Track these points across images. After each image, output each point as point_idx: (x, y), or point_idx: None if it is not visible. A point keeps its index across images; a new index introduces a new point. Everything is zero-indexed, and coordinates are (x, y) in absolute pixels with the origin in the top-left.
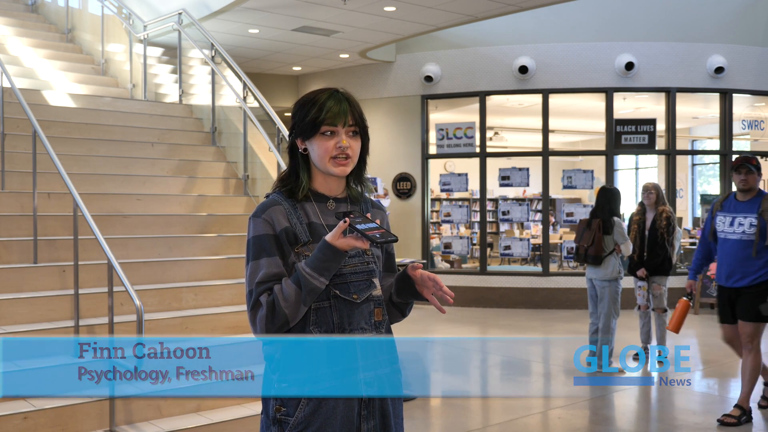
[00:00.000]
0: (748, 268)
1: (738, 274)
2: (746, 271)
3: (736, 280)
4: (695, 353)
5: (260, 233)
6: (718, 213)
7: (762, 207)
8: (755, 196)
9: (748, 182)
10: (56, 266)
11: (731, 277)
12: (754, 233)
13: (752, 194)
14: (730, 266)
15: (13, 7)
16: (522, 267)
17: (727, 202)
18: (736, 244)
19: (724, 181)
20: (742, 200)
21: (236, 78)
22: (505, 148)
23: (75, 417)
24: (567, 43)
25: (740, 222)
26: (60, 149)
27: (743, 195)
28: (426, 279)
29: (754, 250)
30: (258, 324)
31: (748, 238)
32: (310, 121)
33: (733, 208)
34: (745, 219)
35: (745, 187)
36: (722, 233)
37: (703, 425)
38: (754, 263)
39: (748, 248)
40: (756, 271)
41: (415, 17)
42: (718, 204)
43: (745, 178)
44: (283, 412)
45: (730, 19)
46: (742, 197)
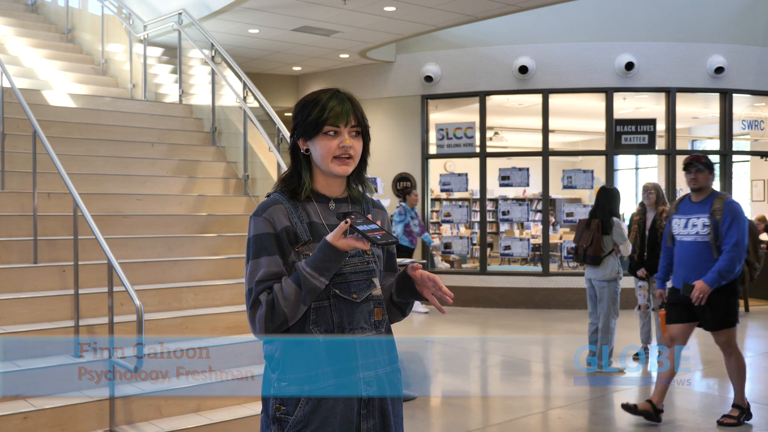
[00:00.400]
0: (705, 272)
1: (694, 277)
2: (702, 274)
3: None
4: (695, 353)
5: (261, 232)
6: (673, 216)
7: (713, 206)
8: (708, 196)
9: (698, 181)
10: (56, 266)
11: (689, 280)
12: (707, 234)
13: (705, 194)
14: (686, 269)
15: (13, 7)
16: (522, 267)
17: (682, 204)
18: (690, 246)
19: (724, 181)
20: (695, 201)
21: (236, 78)
22: (505, 148)
23: (75, 417)
24: (567, 43)
25: (693, 223)
26: (60, 149)
27: (696, 195)
28: (426, 279)
29: (714, 251)
30: (257, 323)
31: (702, 239)
32: (312, 121)
33: (687, 209)
34: (698, 219)
35: (696, 186)
36: (678, 236)
37: (703, 425)
38: (710, 266)
39: (703, 250)
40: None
41: (415, 17)
42: (674, 207)
43: (695, 177)
44: (283, 411)
45: (730, 19)
46: (696, 198)
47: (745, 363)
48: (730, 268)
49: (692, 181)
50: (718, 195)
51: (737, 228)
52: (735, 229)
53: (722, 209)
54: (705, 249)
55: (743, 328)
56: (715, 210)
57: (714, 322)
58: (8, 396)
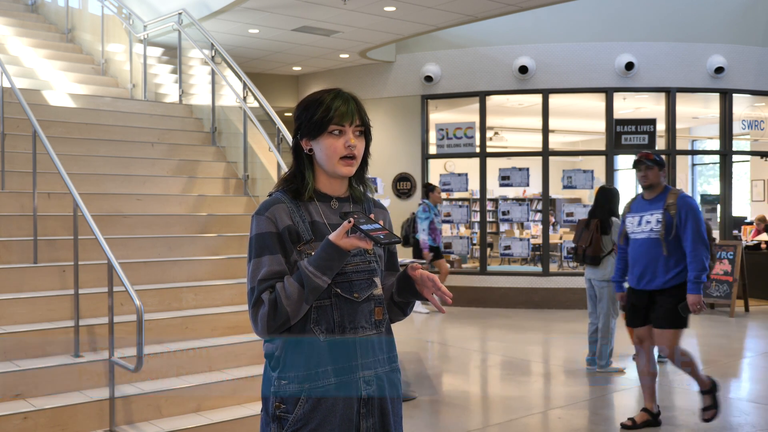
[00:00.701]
0: (659, 269)
1: (649, 275)
2: (657, 271)
3: (647, 282)
4: (695, 353)
5: (263, 231)
6: (627, 215)
7: (667, 202)
8: (660, 192)
9: (648, 178)
10: (56, 266)
11: (642, 279)
12: (660, 230)
13: (657, 191)
14: (640, 267)
15: (13, 7)
16: (522, 267)
17: (635, 203)
18: (644, 243)
19: (724, 181)
20: (648, 198)
21: (236, 78)
22: (505, 148)
23: (75, 417)
24: (567, 43)
25: (647, 220)
26: (60, 149)
27: (648, 193)
28: (425, 279)
29: (664, 247)
30: (259, 321)
31: (656, 235)
32: (318, 120)
33: (640, 207)
34: (652, 216)
35: (646, 183)
36: (632, 234)
37: (703, 425)
38: (665, 263)
39: (657, 247)
40: (667, 272)
41: (415, 17)
42: (627, 206)
43: (645, 174)
44: (283, 409)
45: (730, 19)
46: (648, 195)
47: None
48: (700, 266)
49: (643, 179)
50: (671, 191)
51: (693, 221)
52: (691, 223)
53: (676, 204)
54: (657, 246)
55: (743, 328)
56: (669, 205)
57: (660, 320)
58: (8, 396)
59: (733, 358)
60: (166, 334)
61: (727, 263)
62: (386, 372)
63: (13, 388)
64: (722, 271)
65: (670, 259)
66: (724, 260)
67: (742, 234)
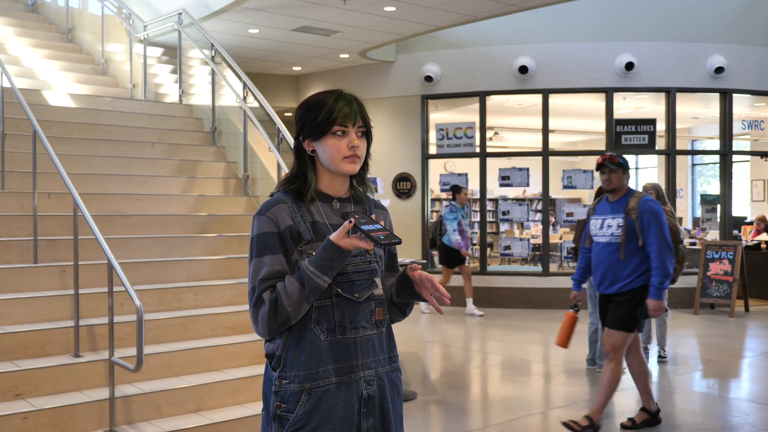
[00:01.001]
0: (618, 273)
1: (608, 279)
2: (616, 276)
3: (606, 286)
4: (695, 353)
5: (264, 231)
6: (591, 216)
7: (629, 206)
8: (623, 195)
9: (611, 182)
10: (56, 266)
11: (603, 283)
12: (621, 234)
13: (621, 194)
14: (601, 271)
15: (13, 7)
16: (522, 267)
17: (600, 205)
18: (605, 247)
19: (724, 181)
20: (612, 201)
21: (236, 78)
22: (505, 148)
23: (75, 417)
24: (567, 43)
25: (609, 224)
26: (60, 149)
27: (612, 195)
28: (424, 280)
29: (621, 252)
30: (260, 321)
31: (616, 240)
32: (322, 121)
33: (603, 210)
34: (613, 220)
35: (609, 187)
36: (595, 237)
37: (703, 425)
38: (623, 268)
39: (617, 251)
40: (626, 276)
41: (415, 17)
42: (591, 207)
43: (609, 178)
44: (284, 409)
45: (730, 19)
46: (612, 198)
47: (619, 380)
48: (665, 272)
49: (606, 182)
50: (634, 194)
51: (655, 226)
52: (653, 228)
53: (637, 208)
54: (617, 251)
55: (743, 328)
56: (630, 210)
57: (612, 320)
58: (8, 396)
59: (733, 358)
60: (166, 334)
61: (727, 263)
62: (387, 372)
63: (13, 388)
64: (722, 271)
65: (629, 264)
66: (724, 260)
67: (742, 234)
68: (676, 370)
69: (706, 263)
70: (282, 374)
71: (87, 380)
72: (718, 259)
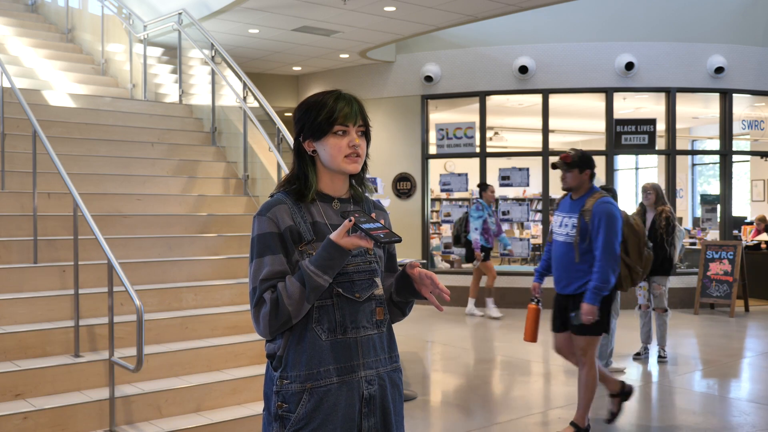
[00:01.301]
0: (573, 274)
1: (564, 279)
2: (571, 276)
3: (563, 286)
4: (695, 353)
5: (264, 231)
6: (555, 213)
7: (584, 206)
8: (584, 194)
9: (566, 181)
10: (56, 266)
11: (560, 282)
12: (575, 235)
13: (581, 192)
14: (558, 270)
15: (13, 7)
16: (522, 267)
17: (562, 202)
18: (561, 247)
19: (724, 181)
20: (574, 199)
21: (236, 78)
22: (505, 148)
23: (75, 417)
24: (567, 43)
25: (566, 222)
26: (60, 149)
27: (574, 194)
28: (424, 277)
29: (576, 254)
30: (261, 321)
31: (571, 240)
32: (323, 121)
33: (564, 207)
34: (570, 219)
35: (565, 186)
36: (554, 234)
37: (703, 425)
38: (578, 268)
39: (571, 251)
40: (581, 277)
41: (415, 17)
42: (556, 204)
43: (564, 177)
44: (285, 409)
45: (730, 19)
46: (574, 196)
47: (597, 382)
48: (605, 278)
49: (563, 182)
50: (592, 194)
51: (605, 231)
52: (602, 232)
53: (592, 210)
54: (572, 251)
55: (743, 328)
56: (585, 211)
57: (577, 326)
58: (8, 396)
59: (733, 358)
60: (166, 334)
61: (727, 263)
62: (388, 371)
63: (13, 388)
64: (722, 271)
65: (583, 265)
66: (724, 260)
67: (742, 234)
68: (676, 370)
69: (706, 263)
70: (283, 374)
71: (87, 380)
72: (718, 259)
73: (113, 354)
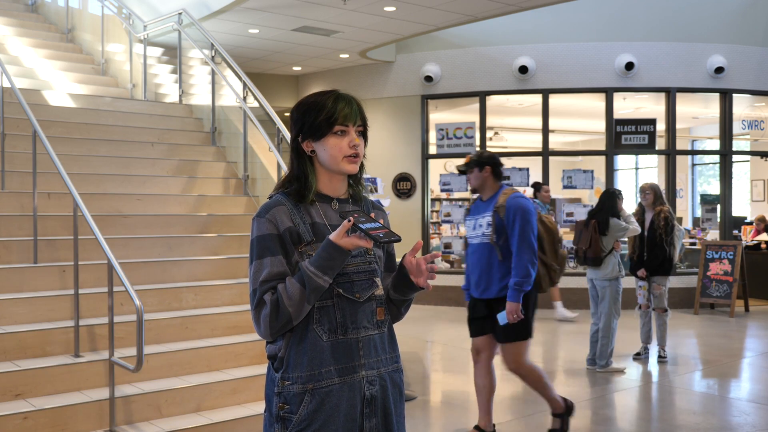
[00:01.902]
0: (493, 276)
1: (483, 283)
2: (491, 279)
3: (482, 290)
4: (695, 353)
5: (264, 233)
6: (466, 218)
7: (497, 203)
8: (494, 193)
9: (471, 182)
10: (56, 266)
11: (478, 287)
12: (491, 234)
13: (491, 192)
14: (476, 274)
15: (13, 7)
16: None
17: (474, 205)
18: (479, 249)
19: (724, 181)
20: (484, 200)
21: (236, 78)
22: (505, 148)
23: (75, 417)
24: (567, 43)
25: (480, 223)
26: (60, 149)
27: (484, 195)
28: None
29: (498, 252)
30: (262, 322)
31: (487, 240)
32: (322, 121)
33: (476, 209)
34: (483, 219)
35: (472, 186)
36: (469, 238)
37: (703, 425)
38: (498, 270)
39: (490, 252)
40: (501, 279)
41: (415, 17)
42: (467, 208)
43: (468, 179)
44: (287, 410)
45: (730, 19)
46: (484, 197)
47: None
48: (525, 272)
49: (469, 183)
50: (503, 191)
51: (520, 224)
52: (519, 225)
53: (505, 206)
54: (491, 251)
55: (743, 328)
56: (499, 207)
57: (502, 333)
58: (8, 396)
59: (733, 358)
60: (166, 334)
61: (727, 263)
62: (389, 372)
63: (13, 388)
64: (722, 271)
65: (504, 266)
66: (724, 260)
67: (742, 234)
68: (676, 370)
69: (706, 263)
70: (284, 375)
71: (87, 380)
72: (718, 259)
73: (113, 354)
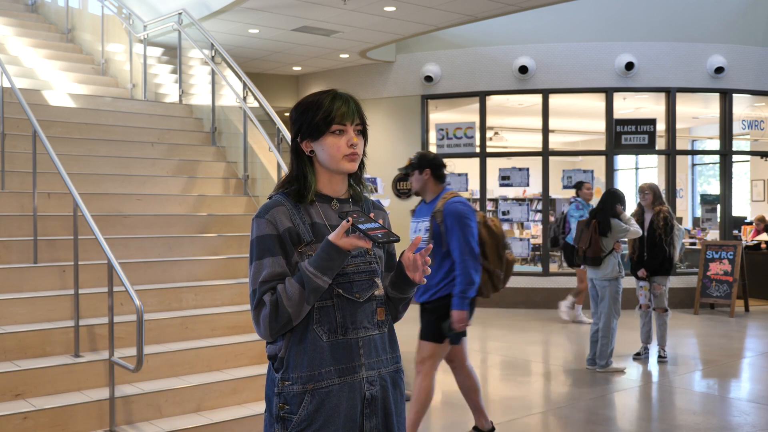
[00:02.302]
0: (430, 280)
1: (422, 287)
2: (428, 284)
3: (419, 294)
4: (695, 353)
5: (263, 233)
6: (411, 220)
7: (436, 208)
8: (436, 196)
9: (413, 186)
10: (56, 266)
11: (418, 290)
12: (428, 239)
13: (433, 195)
14: None
15: (13, 7)
16: (522, 267)
17: (419, 207)
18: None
19: (724, 181)
20: (427, 203)
21: (236, 78)
22: (505, 148)
23: (75, 417)
24: (567, 43)
25: (419, 227)
26: (60, 149)
27: (427, 197)
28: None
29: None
30: (261, 323)
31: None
32: (320, 121)
33: (419, 212)
34: (423, 223)
35: (414, 190)
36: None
37: (703, 425)
38: (433, 275)
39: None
40: (436, 284)
41: (415, 17)
42: (412, 210)
43: (410, 181)
44: (287, 410)
45: (730, 19)
46: (427, 200)
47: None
48: (468, 279)
49: (411, 186)
50: (443, 195)
51: (459, 230)
52: (456, 232)
53: (442, 211)
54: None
55: (743, 328)
56: (436, 212)
57: (427, 331)
58: (8, 396)
59: (733, 358)
60: (166, 334)
61: (727, 263)
62: (390, 372)
63: (13, 388)
64: (722, 271)
65: (440, 271)
66: (724, 260)
67: (742, 234)
68: (676, 370)
69: (706, 263)
70: (285, 376)
71: (87, 380)
72: (718, 259)
73: (113, 354)
